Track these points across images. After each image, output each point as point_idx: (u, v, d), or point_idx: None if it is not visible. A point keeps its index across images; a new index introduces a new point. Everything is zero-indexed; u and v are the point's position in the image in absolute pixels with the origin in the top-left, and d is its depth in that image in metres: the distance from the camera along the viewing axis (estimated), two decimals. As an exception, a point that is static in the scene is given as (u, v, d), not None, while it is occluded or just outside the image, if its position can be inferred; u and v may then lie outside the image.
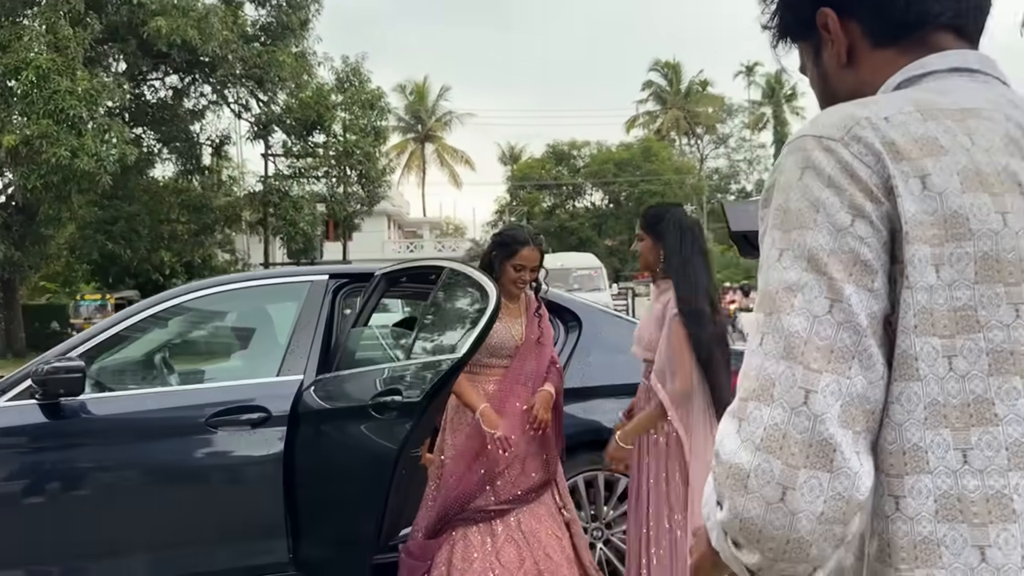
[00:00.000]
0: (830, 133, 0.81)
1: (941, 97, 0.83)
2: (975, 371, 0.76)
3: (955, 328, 0.76)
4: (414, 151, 51.60)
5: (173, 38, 17.13)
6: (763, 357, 0.79)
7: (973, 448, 0.76)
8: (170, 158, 22.90)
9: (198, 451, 3.28)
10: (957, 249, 0.76)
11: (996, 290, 0.76)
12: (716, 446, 0.81)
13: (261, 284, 3.86)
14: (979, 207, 0.77)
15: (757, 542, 0.76)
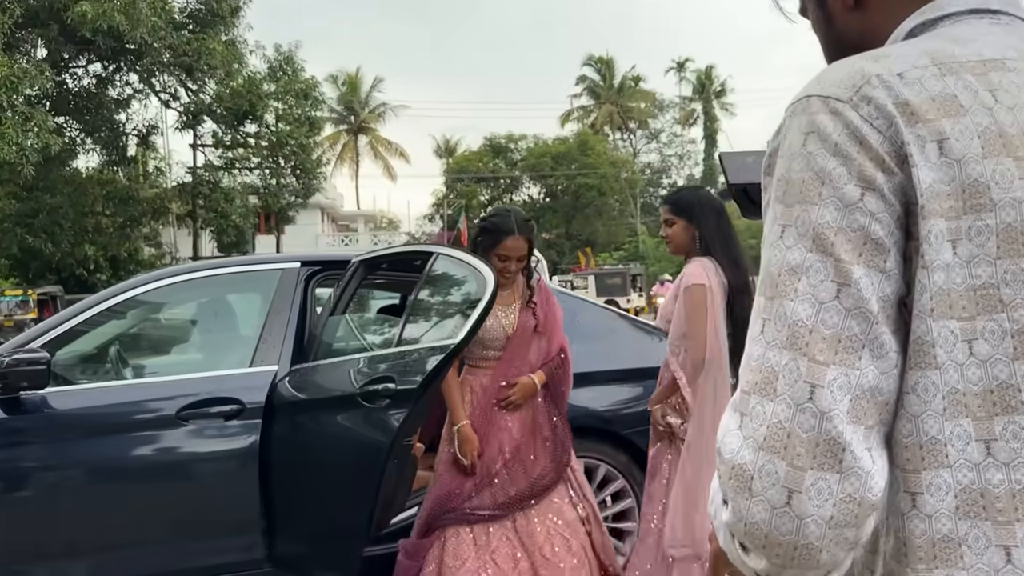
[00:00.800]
0: (837, 93, 0.72)
1: (960, 47, 0.74)
2: (999, 355, 0.69)
3: (975, 309, 0.69)
4: (347, 143, 50.88)
5: (99, 24, 16.48)
6: (765, 347, 0.72)
7: (997, 439, 0.69)
8: (94, 148, 22.10)
9: (168, 445, 3.15)
10: (977, 222, 0.69)
11: (1021, 265, 0.69)
12: (718, 443, 0.74)
13: (231, 272, 3.72)
14: (1002, 173, 0.69)
15: (763, 547, 0.70)
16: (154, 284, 3.50)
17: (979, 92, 0.71)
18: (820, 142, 0.72)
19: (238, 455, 3.11)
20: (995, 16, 0.79)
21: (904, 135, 0.70)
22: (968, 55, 0.73)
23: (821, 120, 0.72)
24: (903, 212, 0.70)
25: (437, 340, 2.83)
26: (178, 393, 3.18)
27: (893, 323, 0.70)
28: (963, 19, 0.79)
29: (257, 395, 3.16)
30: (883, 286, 0.69)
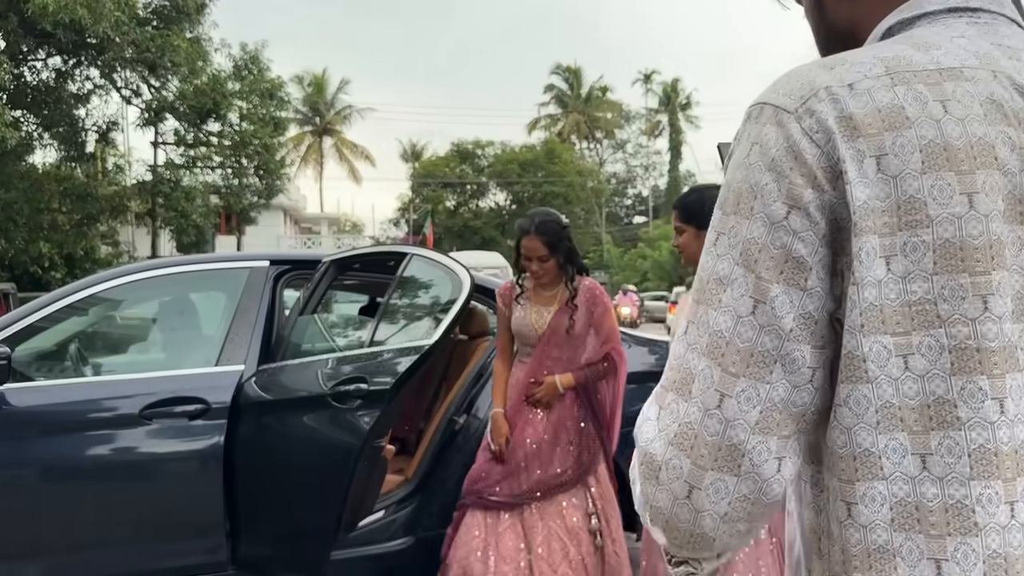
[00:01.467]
0: (785, 103, 0.73)
1: (920, 53, 0.73)
2: (936, 370, 0.69)
3: (911, 325, 0.69)
4: (312, 144, 50.46)
5: (60, 17, 16.15)
6: (687, 348, 0.75)
7: (933, 453, 0.69)
8: (52, 144, 21.61)
9: (131, 444, 3.08)
10: (912, 238, 0.68)
11: (960, 281, 0.68)
12: (637, 427, 0.78)
13: (198, 270, 3.65)
14: (941, 188, 0.68)
15: (664, 529, 0.76)
16: (118, 280, 3.43)
17: (928, 103, 0.70)
18: (760, 155, 0.73)
19: (202, 455, 3.06)
20: (974, 15, 0.78)
21: (841, 151, 0.70)
22: (925, 63, 0.72)
23: (766, 132, 0.73)
24: (829, 229, 0.71)
25: (411, 341, 2.81)
26: (142, 391, 3.12)
27: (817, 338, 0.71)
28: (940, 18, 0.78)
29: (222, 395, 3.11)
30: (804, 303, 0.71)
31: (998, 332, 0.68)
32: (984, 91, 0.71)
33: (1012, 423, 0.69)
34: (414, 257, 3.11)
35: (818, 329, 0.72)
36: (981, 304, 0.68)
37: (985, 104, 0.70)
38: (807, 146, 0.71)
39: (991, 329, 0.68)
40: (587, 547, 3.08)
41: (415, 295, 3.15)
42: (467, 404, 3.61)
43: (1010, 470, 0.68)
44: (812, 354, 0.72)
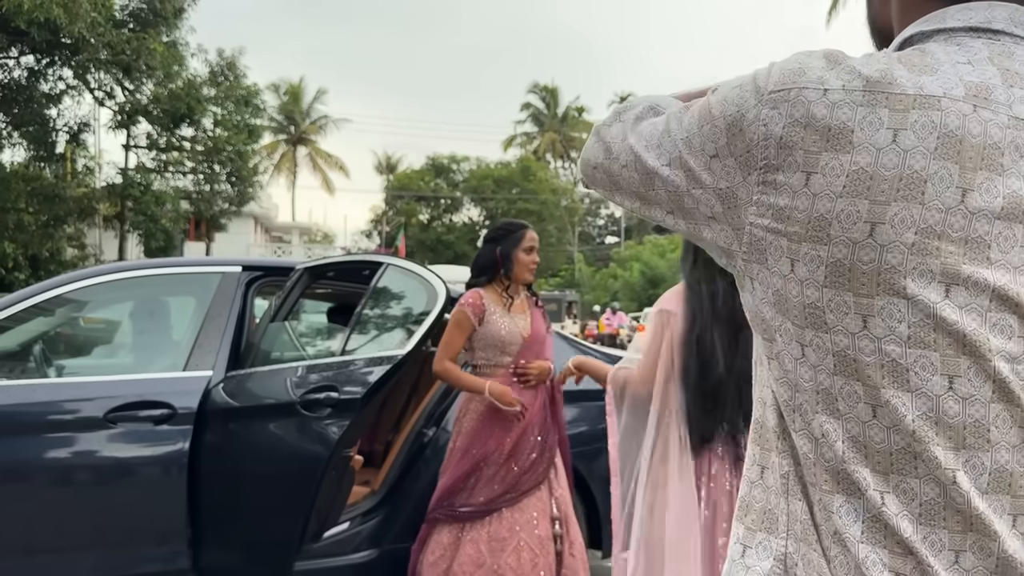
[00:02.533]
0: (765, 83, 0.78)
1: (909, 75, 0.75)
2: (822, 366, 0.77)
3: (805, 322, 0.77)
4: (285, 153, 50.16)
5: (35, 15, 15.95)
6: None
7: (824, 437, 0.77)
8: (21, 143, 21.28)
9: (94, 447, 3.03)
10: (811, 251, 0.75)
11: (844, 297, 0.74)
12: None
13: (168, 273, 3.61)
14: (848, 214, 0.73)
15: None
16: (87, 282, 3.38)
17: (880, 131, 0.73)
18: (732, 100, 0.80)
19: (166, 461, 3.02)
20: (995, 36, 0.79)
21: (773, 160, 0.76)
22: (906, 87, 0.74)
23: (747, 89, 0.79)
24: (728, 195, 0.80)
25: (383, 350, 2.79)
26: (107, 394, 3.08)
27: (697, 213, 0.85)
28: (957, 37, 0.79)
29: (189, 400, 3.07)
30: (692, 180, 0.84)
31: (875, 349, 0.74)
32: (950, 124, 0.72)
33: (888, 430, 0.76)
34: (389, 267, 3.10)
35: (699, 207, 0.85)
36: (861, 322, 0.74)
37: (942, 137, 0.72)
38: (752, 131, 0.77)
39: (867, 346, 0.74)
40: (552, 555, 3.11)
41: (389, 305, 3.14)
42: (437, 417, 3.60)
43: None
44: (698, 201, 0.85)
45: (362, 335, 3.05)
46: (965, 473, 0.73)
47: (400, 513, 3.40)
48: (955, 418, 0.73)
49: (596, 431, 3.93)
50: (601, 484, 3.82)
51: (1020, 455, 0.74)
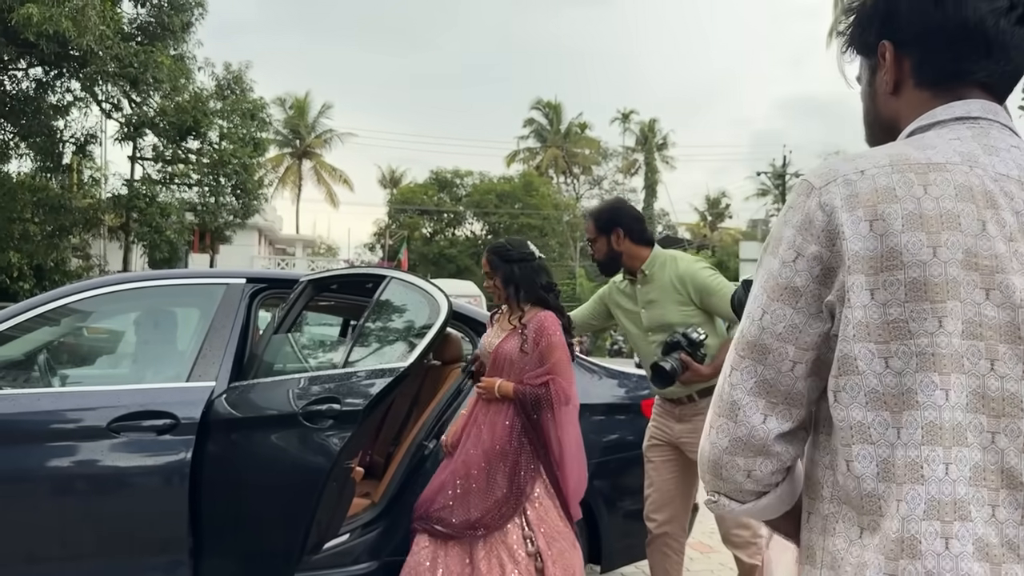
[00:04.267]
0: (814, 181, 1.04)
1: (919, 152, 1.02)
2: (907, 368, 0.96)
3: (889, 336, 0.97)
4: (290, 166, 50.38)
5: (44, 28, 16.07)
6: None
7: (903, 427, 0.96)
8: (28, 154, 21.39)
9: (97, 457, 3.04)
10: (890, 276, 0.97)
11: (923, 306, 0.96)
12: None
13: (173, 284, 3.63)
14: (913, 243, 0.97)
15: (699, 462, 1.12)
16: (92, 292, 3.40)
17: (914, 186, 0.99)
18: (790, 215, 1.05)
19: (168, 471, 3.03)
20: (975, 122, 1.08)
21: (841, 219, 0.99)
22: (919, 159, 1.01)
23: (798, 200, 1.05)
24: (823, 272, 1.01)
25: (385, 363, 2.81)
26: (111, 404, 3.08)
27: (800, 342, 1.03)
28: (948, 125, 1.08)
29: (192, 410, 3.08)
30: (793, 317, 1.03)
31: (948, 343, 0.95)
32: (959, 180, 1.00)
33: (953, 408, 0.95)
34: (392, 280, 3.12)
35: (802, 336, 1.03)
36: (937, 322, 0.96)
37: (957, 188, 0.99)
38: (818, 215, 1.02)
39: (943, 341, 0.95)
40: (526, 569, 3.08)
41: (391, 318, 3.16)
42: (437, 430, 3.61)
43: (948, 440, 0.94)
44: (795, 352, 1.03)
45: (364, 347, 3.06)
46: (1005, 436, 0.94)
47: (400, 525, 3.41)
48: (995, 392, 0.95)
49: (599, 446, 3.94)
50: (601, 499, 3.83)
51: None
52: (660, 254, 3.41)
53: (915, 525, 0.93)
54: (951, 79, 1.10)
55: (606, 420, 3.95)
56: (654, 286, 3.37)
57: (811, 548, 1.07)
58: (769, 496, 1.11)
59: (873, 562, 0.95)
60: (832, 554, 1.01)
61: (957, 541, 0.91)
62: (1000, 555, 0.92)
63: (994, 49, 1.08)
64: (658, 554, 3.43)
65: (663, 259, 3.38)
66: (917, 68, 1.12)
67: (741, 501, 1.11)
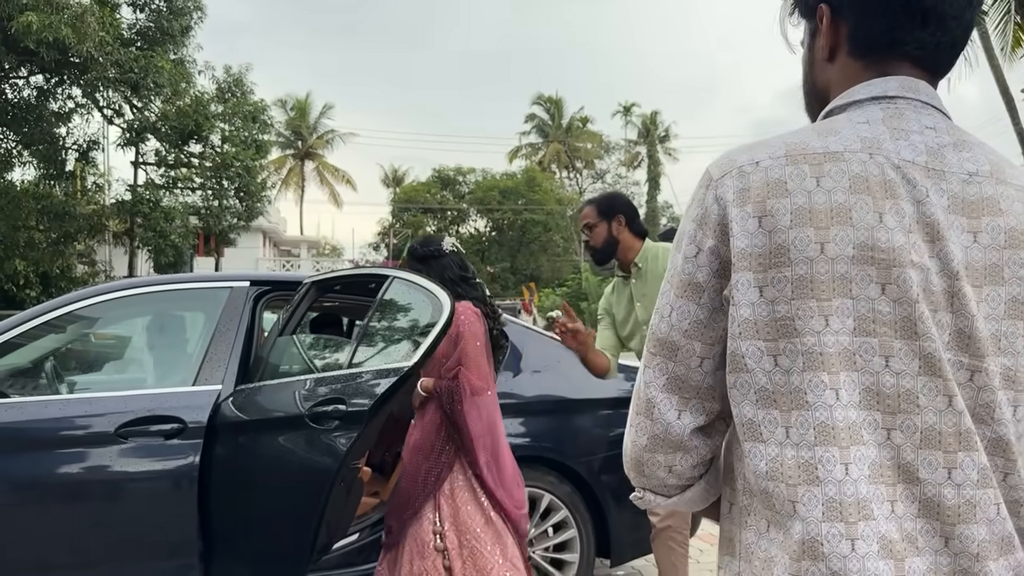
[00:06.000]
0: (713, 172, 1.03)
1: (817, 139, 0.99)
2: (795, 367, 0.94)
3: (777, 334, 0.95)
4: (293, 167, 50.46)
5: (44, 35, 16.12)
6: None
7: (792, 426, 0.94)
8: (31, 161, 21.46)
9: (106, 462, 3.06)
10: (778, 274, 0.95)
11: (809, 304, 0.94)
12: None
13: (177, 288, 3.65)
14: (801, 239, 0.94)
15: (624, 460, 1.11)
16: (97, 299, 3.42)
17: (806, 179, 0.96)
18: (692, 209, 1.04)
19: (177, 475, 3.05)
20: (891, 101, 1.03)
21: (730, 215, 0.98)
22: (816, 148, 0.98)
23: (699, 192, 1.04)
24: (722, 265, 0.99)
25: (390, 362, 2.82)
26: (118, 409, 3.10)
27: (706, 337, 1.02)
28: (863, 105, 1.04)
29: (199, 414, 3.10)
30: (697, 313, 1.01)
31: (835, 342, 0.93)
32: (855, 170, 0.96)
33: (845, 407, 0.93)
34: (395, 280, 3.12)
35: (707, 332, 1.02)
36: (823, 321, 0.94)
37: (852, 178, 0.96)
38: (714, 209, 1.00)
39: (830, 340, 0.93)
40: (433, 564, 3.02)
41: (395, 317, 3.17)
42: (444, 428, 3.62)
43: (844, 440, 0.92)
44: (701, 348, 1.02)
45: (369, 347, 3.07)
46: (901, 432, 0.93)
47: (409, 524, 3.42)
48: (890, 389, 0.93)
49: (605, 440, 3.95)
50: (608, 492, 3.83)
51: (945, 418, 0.94)
52: (652, 247, 3.40)
53: (815, 527, 0.91)
54: (883, 49, 1.05)
55: (613, 414, 3.96)
56: (648, 279, 3.36)
57: (731, 539, 1.07)
58: (693, 488, 1.10)
59: (779, 559, 0.95)
60: (746, 546, 1.01)
61: (863, 541, 0.90)
62: (902, 550, 0.91)
63: (931, 18, 1.03)
64: (663, 548, 3.43)
65: (655, 251, 3.38)
66: (852, 35, 1.07)
67: (667, 495, 1.11)
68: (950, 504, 0.92)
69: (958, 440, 0.93)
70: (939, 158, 1.00)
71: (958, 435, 0.93)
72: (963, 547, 0.92)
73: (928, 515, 0.93)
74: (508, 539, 3.12)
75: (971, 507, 0.93)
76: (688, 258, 1.02)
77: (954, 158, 1.00)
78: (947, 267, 0.96)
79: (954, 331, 0.96)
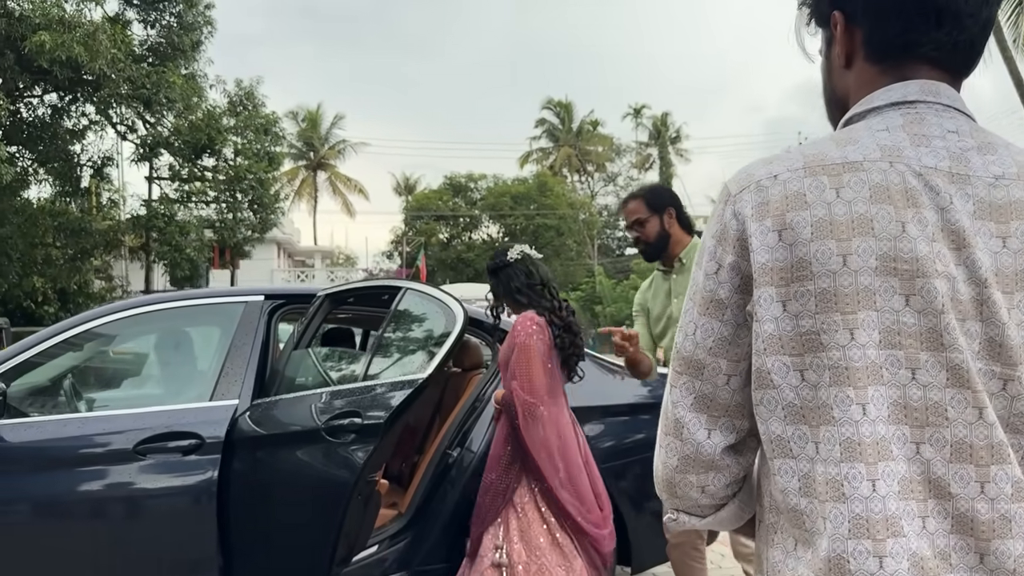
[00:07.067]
0: (731, 188, 1.02)
1: (836, 149, 0.98)
2: (822, 382, 0.92)
3: (802, 348, 0.93)
4: (305, 178, 50.69)
5: (57, 54, 16.29)
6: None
7: (821, 442, 0.92)
8: (47, 179, 21.68)
9: (125, 479, 3.07)
10: (801, 287, 0.93)
11: (834, 318, 0.92)
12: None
13: (193, 304, 3.67)
14: (823, 252, 0.93)
15: (655, 481, 1.10)
16: (113, 316, 3.44)
17: (826, 190, 0.95)
18: (712, 225, 1.03)
19: (196, 490, 3.05)
20: (911, 106, 1.01)
21: (750, 229, 0.97)
22: (835, 158, 0.97)
23: (718, 208, 1.03)
24: (743, 282, 0.98)
25: (405, 374, 2.82)
26: (136, 426, 3.11)
27: (731, 354, 1.01)
28: (883, 112, 1.02)
29: (216, 429, 3.11)
30: (721, 330, 1.00)
31: (862, 356, 0.92)
32: (875, 179, 0.94)
33: (873, 422, 0.91)
34: (408, 291, 3.12)
35: (732, 349, 1.01)
36: (848, 335, 0.92)
37: (873, 188, 0.94)
38: (733, 225, 0.99)
39: (856, 353, 0.91)
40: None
41: (410, 328, 3.17)
42: (461, 437, 3.61)
43: (871, 456, 0.90)
44: (727, 365, 1.01)
45: (384, 359, 3.07)
46: (930, 446, 0.91)
47: (427, 535, 3.41)
48: (917, 402, 0.92)
49: (623, 447, 3.92)
50: (628, 500, 3.81)
51: (976, 430, 0.92)
52: (699, 242, 3.36)
53: (841, 544, 0.90)
54: (899, 52, 1.03)
55: (630, 420, 3.93)
56: (689, 276, 3.31)
57: (759, 557, 1.05)
58: (727, 508, 1.09)
59: None
60: (772, 565, 1.00)
61: (891, 559, 0.88)
62: (935, 567, 0.89)
63: (945, 18, 1.00)
64: (680, 562, 3.42)
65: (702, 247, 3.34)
66: (867, 40, 1.05)
67: (701, 516, 1.09)
68: (984, 519, 0.90)
69: (990, 453, 0.91)
70: (963, 163, 0.97)
71: (990, 448, 0.91)
72: (999, 563, 0.90)
73: (961, 531, 0.90)
74: (577, 561, 3.07)
75: (1006, 522, 0.90)
76: (709, 275, 1.01)
77: (979, 162, 0.97)
78: (975, 275, 0.93)
79: (984, 340, 0.93)
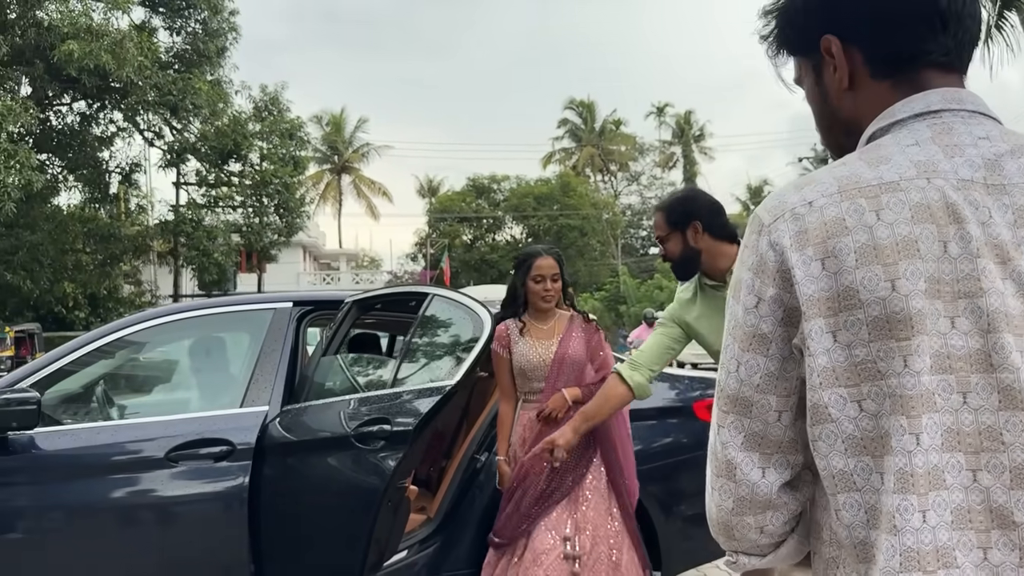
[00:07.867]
0: (764, 217, 0.98)
1: (869, 170, 0.94)
2: (883, 411, 0.89)
3: (858, 378, 0.90)
4: (330, 182, 51.02)
5: (85, 63, 16.54)
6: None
7: (886, 472, 0.89)
8: (76, 186, 22.03)
9: (158, 486, 3.10)
10: (850, 316, 0.90)
11: (889, 345, 0.89)
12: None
13: (222, 312, 3.70)
14: (870, 279, 0.89)
15: (709, 524, 1.06)
16: (145, 324, 3.48)
17: (865, 213, 0.91)
18: (746, 256, 0.99)
19: (227, 497, 3.07)
20: (936, 116, 0.98)
21: (791, 261, 0.93)
22: (870, 179, 0.93)
23: (751, 239, 0.99)
24: (786, 314, 0.95)
25: (433, 381, 2.82)
26: (168, 434, 3.14)
27: (780, 389, 0.97)
28: (907, 124, 0.99)
29: (247, 436, 3.13)
30: (767, 365, 0.97)
31: (915, 383, 0.88)
32: (915, 198, 0.91)
33: (927, 451, 0.88)
34: (435, 297, 3.13)
35: (780, 383, 0.97)
36: (902, 362, 0.88)
37: (914, 208, 0.91)
38: (770, 256, 0.95)
39: (909, 381, 0.88)
40: (555, 570, 3.02)
41: (437, 334, 3.18)
42: (488, 442, 3.61)
43: (923, 487, 0.87)
44: (777, 401, 0.98)
45: (412, 365, 3.08)
46: (988, 473, 0.87)
47: (457, 540, 3.42)
48: (970, 427, 0.88)
49: (650, 451, 3.90)
50: (657, 503, 3.79)
51: None
52: None
53: None
54: (908, 64, 1.00)
55: (658, 424, 3.91)
56: None
57: None
58: (787, 543, 1.05)
59: None
60: None
61: None
62: None
63: (950, 20, 0.98)
64: None
65: None
66: (870, 58, 1.02)
67: (761, 555, 1.06)
68: None
69: None
70: (997, 171, 0.94)
71: None
72: None
73: None
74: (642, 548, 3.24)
75: None
76: (749, 309, 0.97)
77: (1013, 167, 0.94)
78: (1023, 286, 0.90)
79: None
